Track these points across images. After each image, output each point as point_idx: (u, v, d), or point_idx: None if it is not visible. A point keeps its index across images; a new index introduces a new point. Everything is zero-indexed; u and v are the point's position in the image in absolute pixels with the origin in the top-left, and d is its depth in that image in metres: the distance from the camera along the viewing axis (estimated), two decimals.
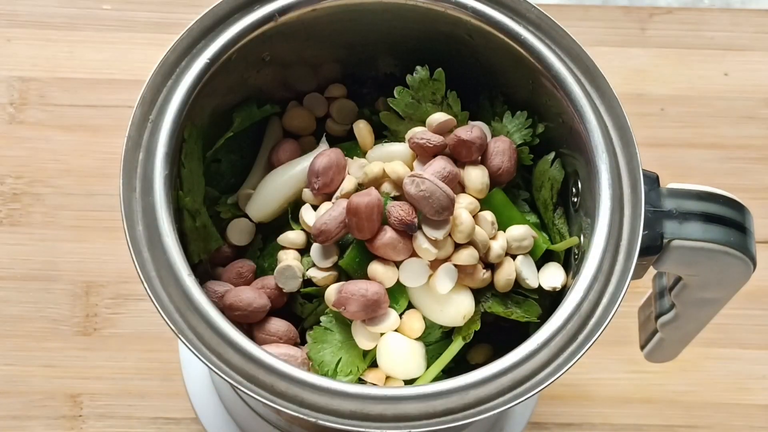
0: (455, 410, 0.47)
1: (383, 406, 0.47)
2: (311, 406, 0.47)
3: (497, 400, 0.47)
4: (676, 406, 0.77)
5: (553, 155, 0.55)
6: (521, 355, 0.47)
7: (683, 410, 0.77)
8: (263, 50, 0.54)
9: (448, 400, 0.47)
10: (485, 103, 0.57)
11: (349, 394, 0.47)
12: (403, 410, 0.47)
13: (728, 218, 0.52)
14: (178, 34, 0.52)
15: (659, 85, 0.84)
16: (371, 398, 0.47)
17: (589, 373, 0.77)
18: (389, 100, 0.56)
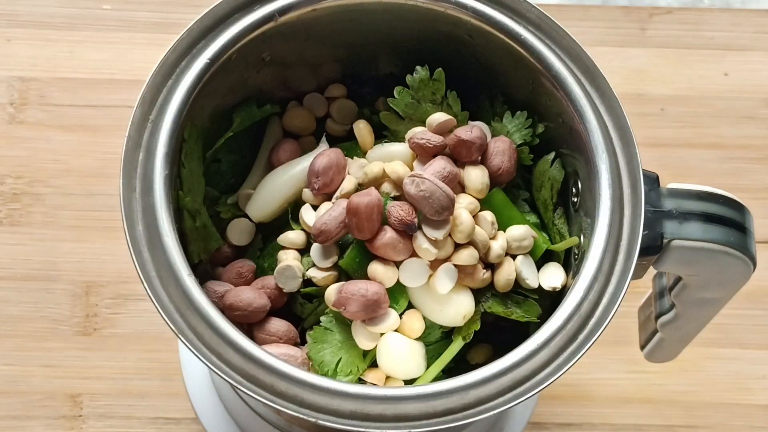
0: (455, 410, 0.47)
1: (383, 406, 0.47)
2: (311, 406, 0.47)
3: (497, 400, 0.47)
4: (676, 406, 0.77)
5: (553, 155, 0.55)
6: (521, 355, 0.47)
7: (683, 410, 0.76)
8: (263, 50, 0.54)
9: (448, 400, 0.47)
10: (485, 103, 0.57)
11: (349, 394, 0.47)
12: (403, 410, 0.47)
13: (728, 218, 0.52)
14: (178, 34, 0.52)
15: (659, 85, 0.84)
16: (371, 398, 0.47)
17: (589, 373, 0.77)
18: (389, 100, 0.56)
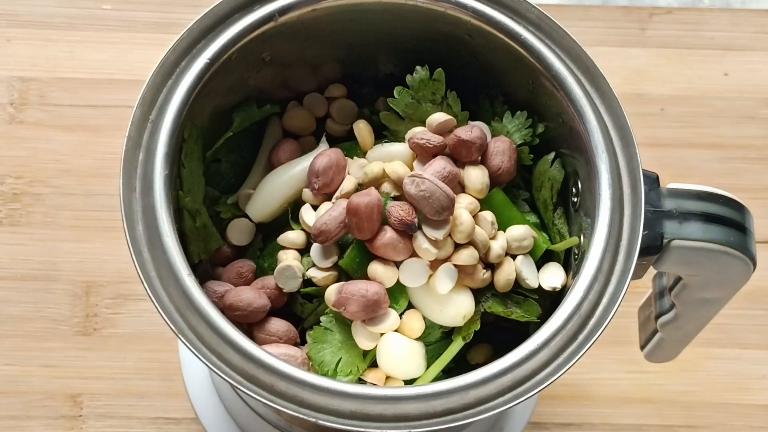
0: (455, 410, 0.47)
1: (383, 406, 0.47)
2: (311, 406, 0.47)
3: (497, 400, 0.47)
4: (676, 406, 0.77)
5: (553, 155, 0.55)
6: (521, 355, 0.47)
7: (683, 410, 0.76)
8: (263, 50, 0.54)
9: (448, 400, 0.47)
10: (485, 103, 0.57)
11: (349, 394, 0.47)
12: (403, 410, 0.47)
13: (728, 218, 0.52)
14: (178, 34, 0.52)
15: (659, 85, 0.84)
16: (371, 398, 0.47)
17: (589, 373, 0.77)
18: (389, 100, 0.56)
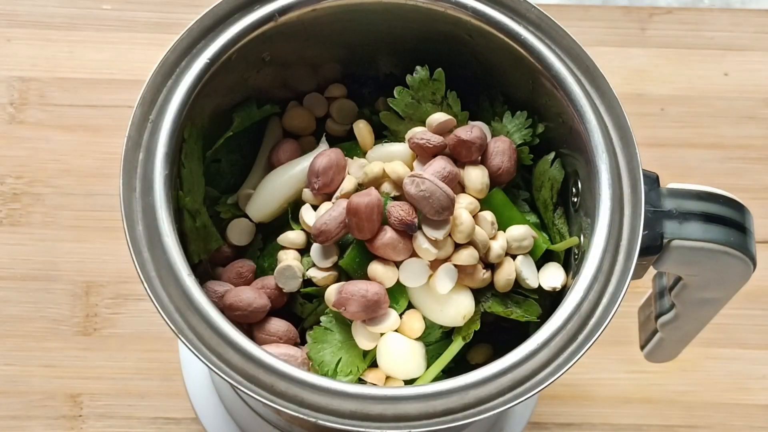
0: (455, 410, 0.47)
1: (383, 406, 0.47)
2: (311, 406, 0.47)
3: (497, 400, 0.47)
4: (676, 406, 0.77)
5: (553, 155, 0.55)
6: (521, 355, 0.47)
7: (683, 410, 0.76)
8: (263, 50, 0.54)
9: (448, 400, 0.47)
10: (485, 103, 0.57)
11: (349, 394, 0.47)
12: (403, 410, 0.47)
13: (728, 218, 0.52)
14: (178, 34, 0.52)
15: (659, 85, 0.84)
16: (371, 398, 0.47)
17: (589, 373, 0.77)
18: (389, 100, 0.56)
